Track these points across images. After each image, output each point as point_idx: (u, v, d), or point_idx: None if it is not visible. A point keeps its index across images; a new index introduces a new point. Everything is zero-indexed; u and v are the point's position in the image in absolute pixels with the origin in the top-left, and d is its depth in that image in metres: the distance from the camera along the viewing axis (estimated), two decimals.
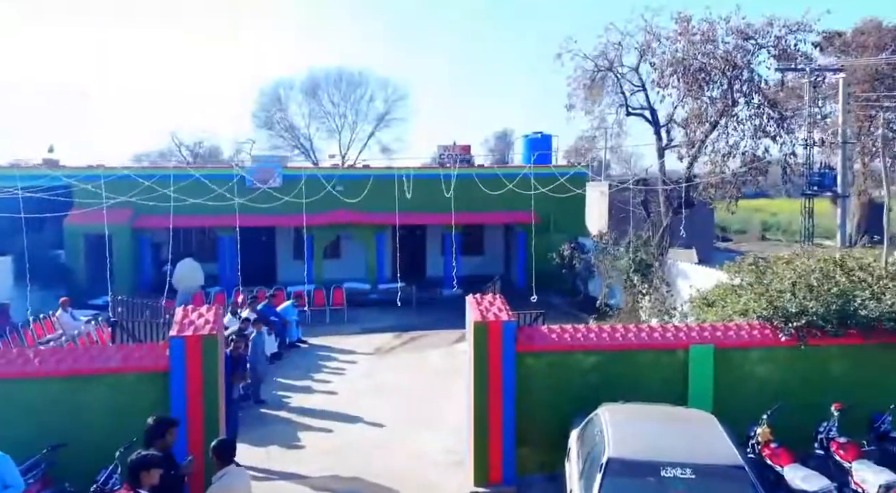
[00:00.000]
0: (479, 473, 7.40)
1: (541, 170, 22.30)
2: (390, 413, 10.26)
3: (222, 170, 21.71)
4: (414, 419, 10.00)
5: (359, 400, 10.95)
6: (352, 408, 10.54)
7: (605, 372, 7.66)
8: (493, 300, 7.82)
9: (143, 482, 4.64)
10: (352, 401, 10.94)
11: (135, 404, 6.70)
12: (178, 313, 7.06)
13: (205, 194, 18.80)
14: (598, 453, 5.46)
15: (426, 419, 10.01)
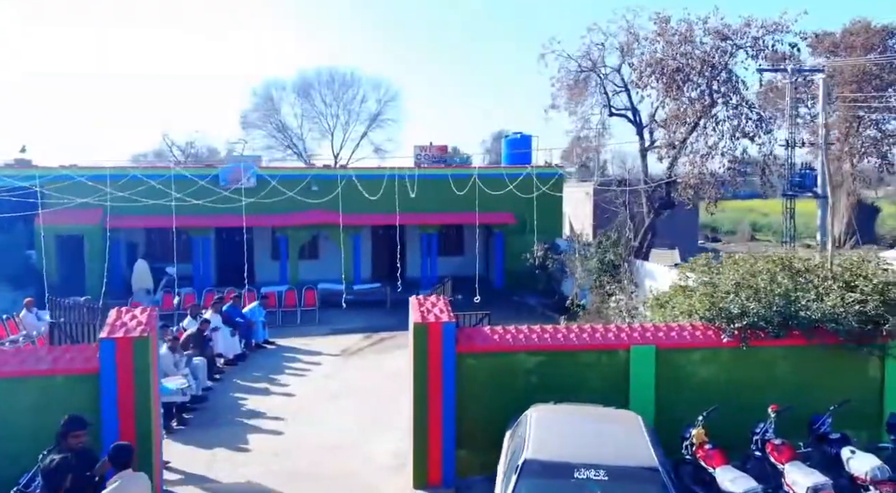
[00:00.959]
0: (419, 475, 7.38)
1: (518, 170, 22.35)
2: (347, 415, 10.22)
3: (195, 170, 21.57)
4: (369, 422, 9.97)
5: (317, 402, 10.91)
6: (308, 410, 10.49)
7: (547, 373, 7.65)
8: (437, 301, 7.80)
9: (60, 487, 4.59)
10: (309, 403, 10.89)
11: (64, 406, 6.63)
12: (111, 315, 7.01)
13: (178, 194, 18.74)
14: (518, 453, 5.44)
15: (382, 422, 9.97)
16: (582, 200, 33.21)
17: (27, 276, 18.06)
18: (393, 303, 20.23)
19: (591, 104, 25.01)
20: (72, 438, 5.29)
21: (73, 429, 5.34)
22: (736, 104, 21.59)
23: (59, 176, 18.48)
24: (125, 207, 18.69)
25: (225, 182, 20.29)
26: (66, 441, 5.26)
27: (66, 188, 17.71)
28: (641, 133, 24.11)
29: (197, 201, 19.05)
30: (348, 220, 21.44)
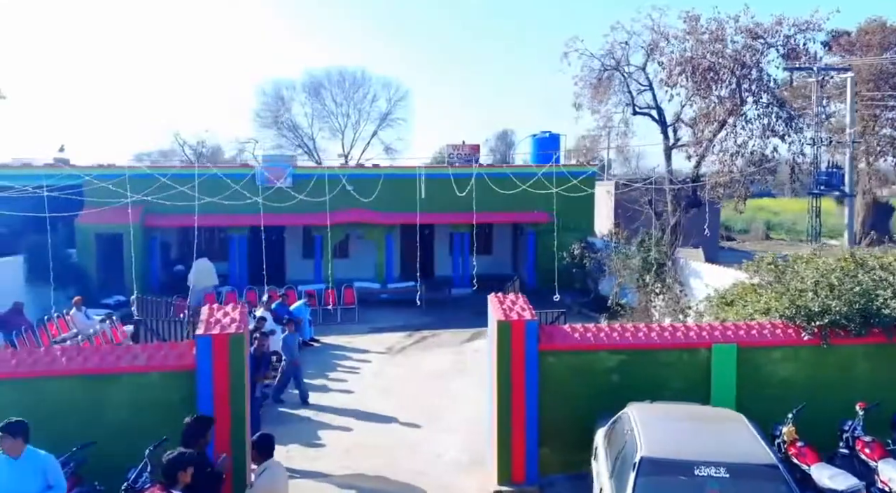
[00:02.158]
0: (503, 472, 7.40)
1: (551, 169, 22.34)
2: (405, 412, 10.27)
3: (234, 169, 21.71)
4: (429, 419, 10.00)
5: (374, 399, 10.96)
6: (367, 407, 10.55)
7: (627, 371, 7.66)
8: (516, 299, 7.82)
9: (179, 481, 4.65)
10: (367, 400, 10.96)
11: (160, 402, 6.73)
12: (204, 312, 7.07)
13: (216, 193, 18.86)
14: (629, 452, 5.45)
15: (440, 419, 10.02)
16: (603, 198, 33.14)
17: (68, 275, 18.20)
18: (427, 302, 20.30)
19: (615, 103, 25.00)
20: (209, 434, 5.35)
21: (210, 425, 5.41)
22: (767, 103, 21.50)
23: (99, 175, 18.64)
24: (162, 206, 18.84)
25: (262, 182, 20.38)
26: (204, 438, 5.30)
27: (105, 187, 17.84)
28: (666, 131, 24.07)
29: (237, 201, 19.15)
30: (382, 218, 21.54)
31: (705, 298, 11.71)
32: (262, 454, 5.10)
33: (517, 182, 20.48)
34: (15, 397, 6.43)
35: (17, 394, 6.43)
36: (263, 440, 5.19)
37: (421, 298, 20.07)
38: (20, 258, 17.18)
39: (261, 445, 5.13)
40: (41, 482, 5.01)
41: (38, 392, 6.47)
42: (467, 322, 17.78)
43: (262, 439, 5.19)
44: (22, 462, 4.99)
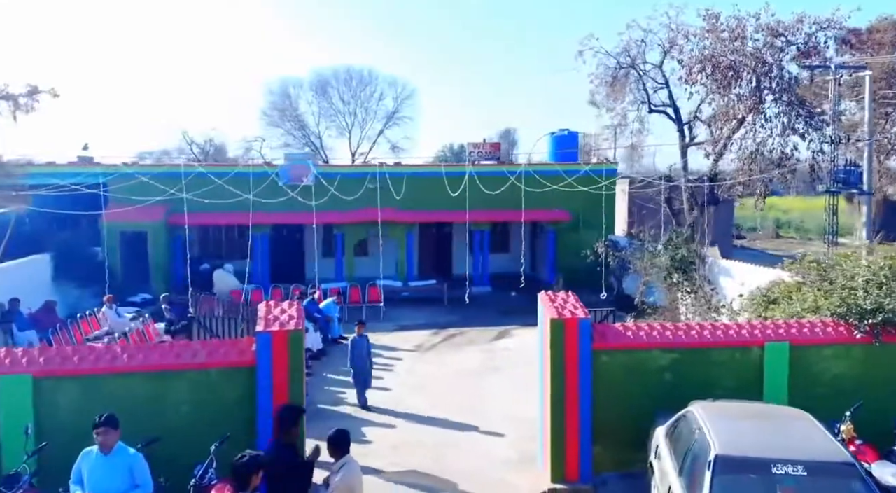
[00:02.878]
0: (556, 470, 7.40)
1: (573, 167, 22.32)
2: (444, 410, 10.28)
3: (258, 167, 21.76)
4: (468, 416, 10.01)
5: (411, 396, 10.99)
6: (406, 404, 10.57)
7: (680, 370, 7.65)
8: (567, 297, 7.81)
9: (250, 485, 4.63)
10: (404, 397, 10.98)
11: (220, 398, 6.78)
12: (261, 309, 7.11)
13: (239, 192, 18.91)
14: (700, 450, 5.45)
15: (481, 417, 10.02)
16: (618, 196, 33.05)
17: (93, 272, 18.28)
18: (449, 300, 20.32)
19: (630, 101, 24.98)
20: (295, 429, 5.38)
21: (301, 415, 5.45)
22: (788, 101, 21.42)
23: (124, 173, 18.73)
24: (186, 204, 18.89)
25: (286, 180, 20.43)
26: (297, 427, 5.34)
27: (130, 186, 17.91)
28: (682, 129, 24.03)
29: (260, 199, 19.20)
30: (404, 217, 21.54)
31: (741, 296, 11.69)
32: (339, 449, 5.10)
33: (542, 181, 20.46)
34: (78, 394, 6.48)
35: (80, 390, 6.48)
36: (341, 435, 5.19)
37: (439, 296, 20.14)
38: (47, 256, 17.26)
39: (339, 441, 5.13)
40: (129, 479, 5.03)
41: (100, 389, 6.51)
42: (492, 320, 17.80)
43: (339, 435, 5.20)
44: (112, 459, 5.02)
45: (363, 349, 10.67)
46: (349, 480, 4.98)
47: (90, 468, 5.01)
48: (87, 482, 5.00)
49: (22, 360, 6.34)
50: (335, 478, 5.00)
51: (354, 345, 10.67)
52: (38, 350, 6.51)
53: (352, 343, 10.76)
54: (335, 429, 5.33)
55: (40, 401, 6.34)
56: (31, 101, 7.23)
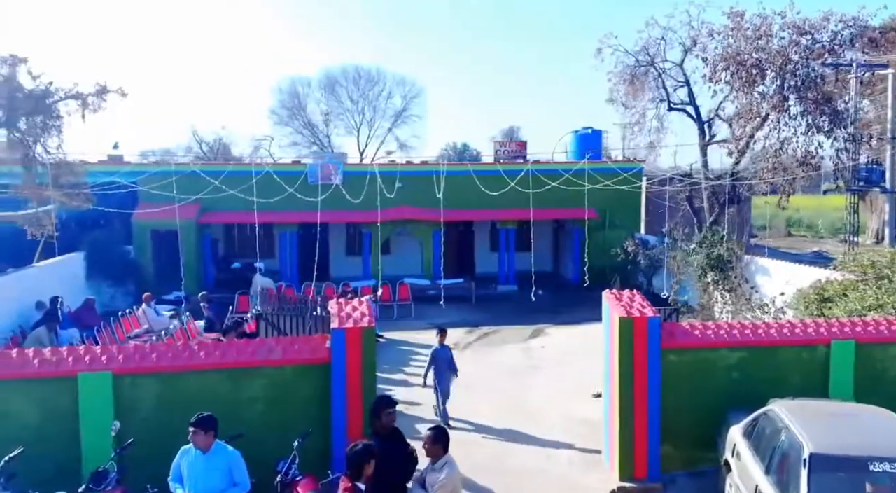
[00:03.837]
0: (625, 468, 7.40)
1: (599, 165, 22.29)
2: (495, 408, 10.29)
3: (287, 167, 21.82)
4: (521, 415, 10.02)
5: (461, 395, 10.94)
6: (457, 402, 10.54)
7: (747, 368, 7.63)
8: (633, 296, 7.80)
9: (364, 474, 4.67)
10: (454, 395, 10.93)
11: (295, 395, 6.81)
12: (333, 307, 7.13)
13: (268, 190, 18.98)
14: (790, 449, 5.43)
15: (534, 415, 10.04)
16: None
17: (125, 271, 18.40)
18: (477, 298, 20.33)
19: (649, 99, 24.94)
20: (385, 416, 5.43)
21: (386, 406, 5.45)
22: (813, 99, 21.32)
23: (156, 172, 18.81)
24: (215, 203, 18.99)
25: (314, 179, 20.48)
26: (381, 420, 5.39)
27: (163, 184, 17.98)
28: (703, 128, 23.97)
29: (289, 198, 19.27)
30: (430, 215, 21.54)
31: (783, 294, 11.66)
32: (441, 447, 5.10)
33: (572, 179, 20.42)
34: (157, 391, 6.53)
35: (158, 387, 6.52)
36: (444, 433, 5.20)
37: (466, 294, 20.15)
38: (81, 255, 17.36)
39: (443, 438, 5.14)
40: (228, 477, 5.05)
41: (178, 386, 6.55)
42: (523, 319, 17.79)
43: (442, 432, 5.22)
44: (211, 457, 5.04)
45: (445, 361, 9.76)
46: (454, 478, 4.98)
47: (190, 465, 5.03)
48: (186, 479, 5.02)
49: (101, 357, 6.38)
50: (437, 476, 4.99)
51: (436, 356, 9.78)
52: (117, 348, 6.55)
53: (433, 355, 9.84)
54: (435, 427, 5.34)
55: (119, 398, 6.39)
56: (98, 100, 7.27)
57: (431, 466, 5.11)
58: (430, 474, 5.08)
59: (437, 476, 4.99)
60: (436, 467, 5.06)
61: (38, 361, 6.24)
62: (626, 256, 19.25)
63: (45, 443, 6.11)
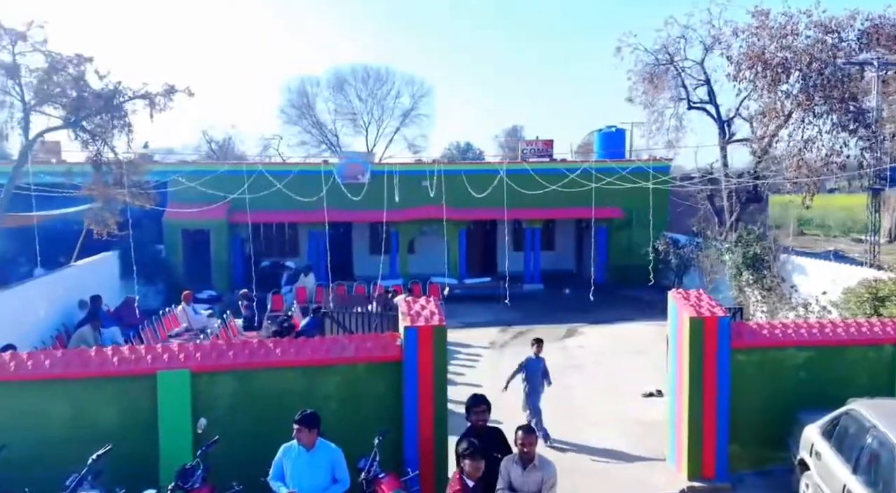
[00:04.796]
0: (693, 468, 7.38)
1: (627, 164, 22.24)
2: (547, 408, 10.22)
3: (315, 166, 21.87)
4: (574, 415, 9.98)
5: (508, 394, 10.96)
6: (506, 402, 10.51)
7: (814, 368, 7.59)
8: (700, 296, 7.77)
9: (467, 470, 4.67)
10: (502, 395, 10.95)
11: (368, 393, 6.81)
12: (402, 305, 7.13)
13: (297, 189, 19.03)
14: (881, 449, 5.39)
15: (586, 415, 10.01)
16: None
17: (157, 270, 18.48)
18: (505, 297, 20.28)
19: (668, 98, 24.87)
20: (473, 414, 5.44)
21: (474, 405, 5.48)
22: (839, 98, 21.20)
23: (188, 171, 18.88)
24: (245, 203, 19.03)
25: (341, 178, 20.51)
26: (471, 417, 5.41)
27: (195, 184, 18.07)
28: (723, 127, 23.89)
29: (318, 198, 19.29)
30: (457, 214, 21.55)
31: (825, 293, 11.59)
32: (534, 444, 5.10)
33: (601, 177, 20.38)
34: (233, 388, 6.55)
35: (235, 384, 6.54)
36: (532, 430, 5.20)
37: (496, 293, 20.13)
38: (115, 254, 17.44)
39: (534, 433, 5.14)
40: (330, 474, 5.06)
41: (254, 383, 6.57)
42: (553, 318, 17.76)
43: (532, 429, 5.23)
44: (315, 454, 5.04)
45: (539, 374, 8.99)
46: (556, 476, 4.98)
47: (293, 463, 5.03)
48: (290, 477, 5.02)
49: (179, 355, 6.40)
50: (537, 475, 4.95)
51: (529, 367, 9.01)
52: (194, 345, 6.57)
53: (525, 365, 9.06)
54: (527, 425, 5.35)
55: (197, 395, 6.41)
56: (166, 99, 7.31)
57: (520, 465, 5.03)
58: (526, 474, 5.02)
59: (536, 476, 4.95)
60: (536, 464, 5.02)
61: (118, 359, 6.27)
62: (657, 255, 19.17)
63: (123, 441, 6.12)
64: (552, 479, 4.94)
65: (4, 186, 7.96)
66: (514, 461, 5.08)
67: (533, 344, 9.37)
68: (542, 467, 5.02)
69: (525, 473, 5.04)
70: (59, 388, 6.22)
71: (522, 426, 5.35)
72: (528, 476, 5.01)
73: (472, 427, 5.52)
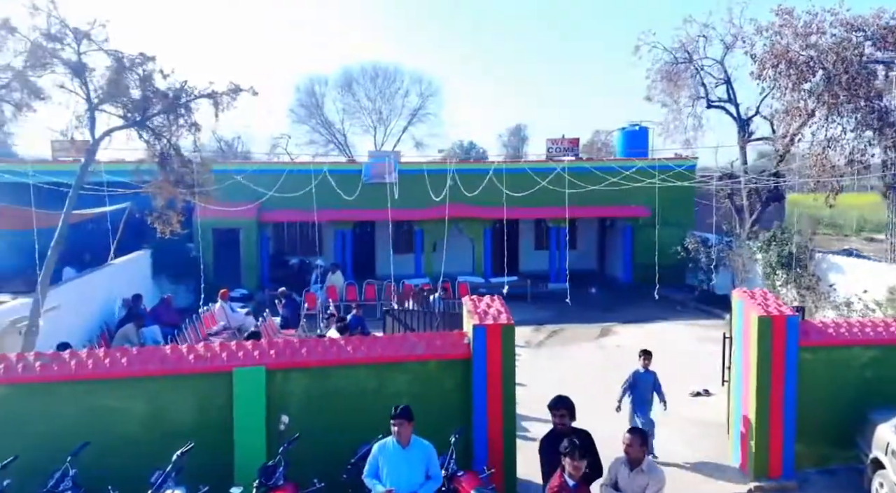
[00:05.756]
0: (759, 466, 7.34)
1: (649, 162, 22.17)
2: (598, 408, 10.15)
3: (342, 165, 21.91)
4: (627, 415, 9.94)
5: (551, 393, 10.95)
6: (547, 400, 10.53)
7: (880, 366, 7.55)
8: (766, 294, 7.73)
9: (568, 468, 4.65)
10: (543, 393, 10.93)
11: (436, 390, 6.82)
12: (468, 303, 7.14)
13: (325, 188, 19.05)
14: None
15: None
16: None
17: (187, 268, 18.54)
18: (532, 296, 20.27)
19: (687, 96, 24.81)
20: (554, 417, 5.44)
21: (553, 407, 5.50)
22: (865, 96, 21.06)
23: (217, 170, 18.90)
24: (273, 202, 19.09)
25: (368, 177, 20.54)
26: (560, 419, 5.41)
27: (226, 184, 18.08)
28: (743, 125, 23.80)
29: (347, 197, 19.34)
30: (482, 213, 21.54)
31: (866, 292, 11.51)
32: (645, 445, 5.03)
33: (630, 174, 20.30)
34: (307, 385, 6.57)
35: (308, 382, 6.56)
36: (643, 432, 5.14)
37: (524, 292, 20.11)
38: (147, 253, 17.54)
39: (644, 435, 5.08)
40: (424, 471, 5.06)
41: (327, 380, 6.59)
42: (584, 317, 17.72)
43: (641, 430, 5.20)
44: (410, 451, 5.05)
45: (649, 388, 8.24)
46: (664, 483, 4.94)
47: (389, 460, 5.03)
48: (386, 474, 5.01)
49: (254, 352, 6.43)
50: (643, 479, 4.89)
51: (638, 381, 8.29)
52: (267, 343, 6.60)
53: (633, 378, 8.33)
54: (635, 428, 5.31)
55: (271, 393, 6.44)
56: (230, 99, 7.34)
57: (628, 467, 4.99)
58: (633, 476, 4.95)
59: (642, 480, 4.90)
60: (644, 468, 4.96)
61: (194, 357, 6.31)
62: (686, 254, 19.11)
63: (198, 438, 6.16)
64: (658, 486, 4.88)
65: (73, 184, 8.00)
66: (622, 462, 5.05)
67: (640, 356, 8.50)
68: (649, 471, 4.95)
69: (632, 475, 4.97)
70: (135, 386, 6.26)
71: (631, 430, 5.27)
72: (634, 480, 4.94)
73: (553, 430, 5.45)
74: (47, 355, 6.22)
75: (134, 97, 7.43)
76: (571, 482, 4.55)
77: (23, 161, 18.72)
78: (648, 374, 8.38)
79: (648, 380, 8.34)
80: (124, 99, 7.60)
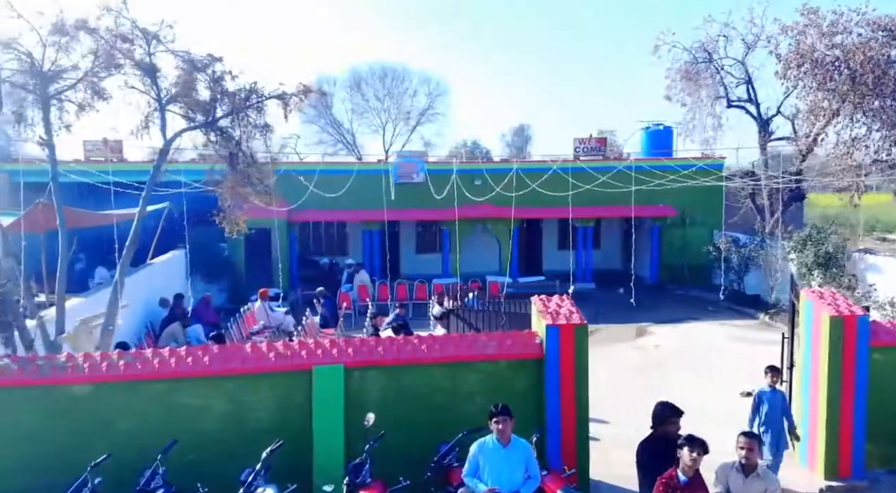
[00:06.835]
0: (829, 467, 7.33)
1: (680, 162, 22.11)
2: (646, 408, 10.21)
3: (370, 165, 21.97)
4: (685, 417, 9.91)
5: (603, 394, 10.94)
6: (605, 404, 10.44)
7: None
8: (836, 294, 7.71)
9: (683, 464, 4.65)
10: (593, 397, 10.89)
11: (509, 390, 6.83)
12: (538, 303, 7.16)
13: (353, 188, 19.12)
14: None
15: (693, 417, 9.47)
16: None
17: (220, 268, 18.68)
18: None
19: (707, 95, 24.71)
20: (669, 424, 5.39)
21: (670, 416, 5.40)
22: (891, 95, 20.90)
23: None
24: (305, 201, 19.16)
25: (396, 177, 20.59)
26: (664, 427, 5.35)
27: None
28: (765, 125, 23.71)
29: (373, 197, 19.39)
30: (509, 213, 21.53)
31: None
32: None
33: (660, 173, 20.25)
34: (382, 383, 6.61)
35: (384, 380, 6.60)
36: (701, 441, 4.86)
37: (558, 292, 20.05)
38: (183, 252, 17.63)
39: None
40: (524, 470, 5.07)
41: (402, 379, 6.63)
42: (617, 317, 17.66)
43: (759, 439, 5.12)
44: (510, 450, 5.06)
45: (778, 409, 7.01)
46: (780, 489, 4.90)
47: (490, 459, 5.04)
48: (487, 473, 5.02)
49: (332, 351, 6.47)
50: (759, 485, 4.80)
51: (763, 402, 7.10)
52: (345, 342, 6.64)
53: (759, 398, 7.19)
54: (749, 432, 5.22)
55: (349, 391, 6.48)
56: (300, 100, 7.40)
57: (742, 473, 4.88)
58: (748, 482, 4.85)
59: (759, 486, 4.81)
60: (759, 473, 4.87)
61: (274, 355, 6.35)
62: (717, 253, 19.04)
63: (279, 435, 6.20)
64: (776, 491, 4.84)
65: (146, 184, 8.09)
66: (734, 468, 4.93)
67: (766, 373, 7.19)
68: (765, 477, 4.87)
69: (747, 481, 4.84)
70: (217, 384, 6.32)
71: (744, 433, 5.13)
72: (750, 486, 4.83)
73: (652, 434, 5.34)
74: (131, 354, 6.28)
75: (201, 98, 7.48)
76: (683, 478, 4.54)
77: (54, 161, 18.83)
78: (776, 393, 7.08)
79: (776, 401, 7.04)
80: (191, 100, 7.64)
